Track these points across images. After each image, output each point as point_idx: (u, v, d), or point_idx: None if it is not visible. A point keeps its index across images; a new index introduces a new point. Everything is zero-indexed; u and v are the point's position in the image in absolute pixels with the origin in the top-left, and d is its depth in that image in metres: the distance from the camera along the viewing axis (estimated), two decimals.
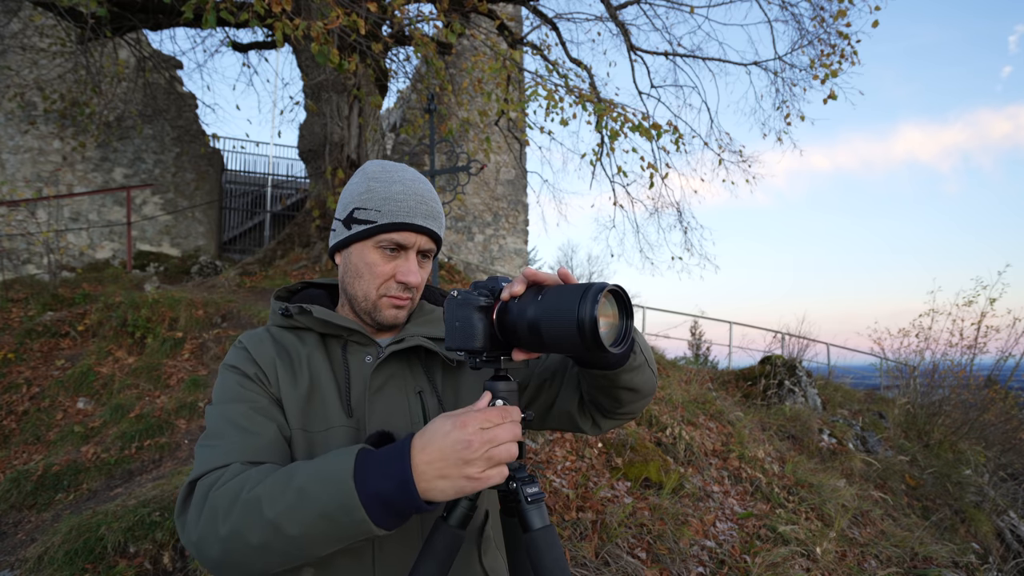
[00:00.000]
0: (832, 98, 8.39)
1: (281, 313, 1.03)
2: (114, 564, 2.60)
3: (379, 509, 0.74)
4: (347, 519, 0.74)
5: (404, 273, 0.98)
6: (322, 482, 0.75)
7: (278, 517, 0.75)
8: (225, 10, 4.96)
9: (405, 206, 0.97)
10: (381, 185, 0.98)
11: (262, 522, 0.75)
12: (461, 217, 12.90)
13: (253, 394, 0.94)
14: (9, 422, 4.54)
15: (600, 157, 9.20)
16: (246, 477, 0.81)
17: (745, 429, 4.90)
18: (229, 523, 0.77)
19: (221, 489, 0.80)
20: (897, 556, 3.60)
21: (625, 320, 0.80)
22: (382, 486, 0.74)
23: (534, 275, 0.81)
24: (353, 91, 7.37)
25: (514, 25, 11.82)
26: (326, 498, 0.74)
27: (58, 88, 8.96)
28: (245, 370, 0.97)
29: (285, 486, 0.77)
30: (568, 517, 3.00)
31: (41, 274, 8.33)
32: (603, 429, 1.09)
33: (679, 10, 8.76)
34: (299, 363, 0.99)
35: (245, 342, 1.02)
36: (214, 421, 0.92)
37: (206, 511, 0.80)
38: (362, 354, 1.01)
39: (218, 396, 0.96)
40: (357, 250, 1.00)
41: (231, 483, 0.81)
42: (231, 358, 1.00)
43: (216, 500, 0.79)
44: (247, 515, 0.76)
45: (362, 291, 1.00)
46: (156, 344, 5.33)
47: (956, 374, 7.99)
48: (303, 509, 0.74)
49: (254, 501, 0.76)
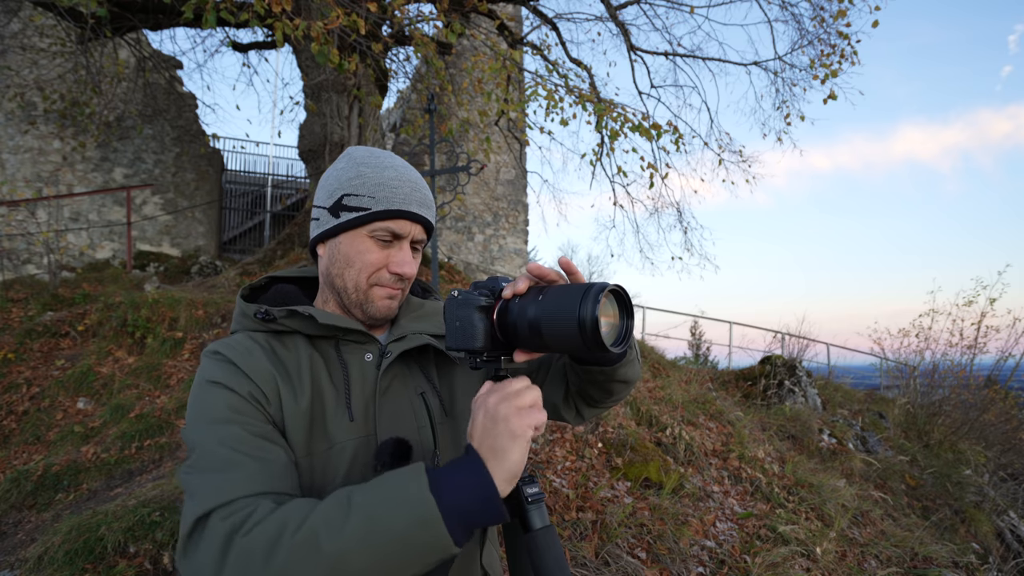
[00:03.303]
0: (832, 98, 8.39)
1: (260, 317, 0.91)
2: (114, 564, 2.60)
3: (457, 522, 0.69)
4: (425, 538, 0.67)
5: (398, 264, 0.92)
6: (392, 500, 0.69)
7: (342, 548, 0.66)
8: (225, 10, 4.96)
9: (400, 192, 0.91)
10: (372, 170, 0.91)
11: (320, 558, 0.65)
12: (461, 217, 12.89)
13: (247, 417, 0.81)
14: (9, 422, 4.54)
15: (600, 157, 9.20)
16: (285, 514, 0.69)
17: (745, 429, 4.90)
18: (275, 566, 0.65)
19: (254, 532, 0.68)
20: (897, 556, 3.60)
21: (626, 320, 0.80)
22: (462, 497, 0.70)
23: (538, 269, 0.79)
24: (353, 91, 7.38)
25: (514, 25, 11.82)
26: (402, 518, 0.67)
27: (58, 88, 8.95)
28: (236, 389, 0.82)
29: (345, 513, 0.68)
30: (568, 517, 3.00)
31: (41, 274, 8.33)
32: (585, 419, 1.08)
33: (679, 10, 8.76)
34: (297, 376, 0.87)
35: (227, 353, 0.86)
36: (208, 446, 0.78)
37: (235, 556, 0.67)
38: (360, 352, 0.93)
39: (202, 416, 0.81)
40: (347, 239, 0.92)
41: (266, 522, 0.69)
42: (213, 372, 0.85)
43: (249, 545, 0.67)
44: (300, 552, 0.66)
45: (352, 281, 0.92)
46: (156, 344, 5.33)
47: (956, 374, 7.99)
48: (373, 534, 0.66)
49: (308, 535, 0.66)
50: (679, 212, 9.87)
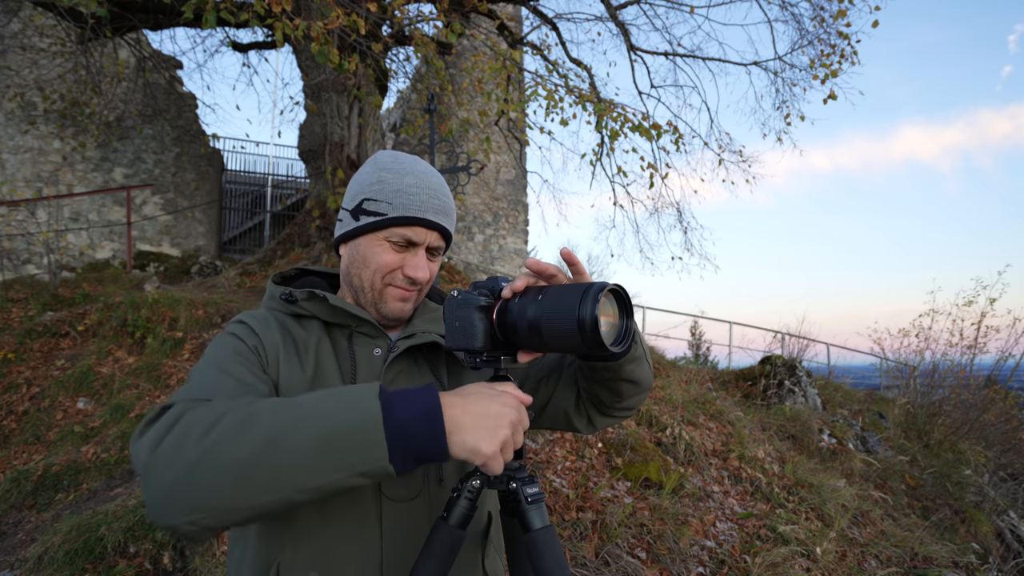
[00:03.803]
0: (832, 98, 8.39)
1: (284, 298, 0.98)
2: (114, 564, 2.60)
3: (398, 439, 0.67)
4: (360, 441, 0.66)
5: (412, 268, 0.95)
6: (340, 398, 0.69)
7: (276, 429, 0.66)
8: (225, 10, 4.96)
9: (417, 200, 0.94)
10: (393, 176, 0.95)
11: (253, 435, 0.66)
12: (461, 217, 12.90)
13: (250, 362, 0.88)
14: (9, 422, 4.54)
15: (600, 157, 9.21)
16: (236, 401, 0.72)
17: (745, 429, 4.90)
18: (207, 440, 0.66)
19: (203, 408, 0.70)
20: (897, 556, 3.60)
21: (625, 319, 0.80)
22: (408, 412, 0.68)
23: (537, 265, 0.80)
24: (353, 91, 7.38)
25: (514, 25, 11.81)
26: (342, 413, 0.67)
27: (58, 88, 8.95)
28: (245, 340, 0.91)
29: (292, 402, 0.70)
30: (568, 517, 3.00)
31: (41, 274, 8.33)
32: (597, 427, 1.08)
33: (679, 10, 8.77)
34: (305, 350, 0.93)
35: (248, 320, 0.96)
36: (204, 369, 0.85)
37: (177, 428, 0.68)
38: (370, 346, 0.97)
39: (209, 357, 0.89)
40: (365, 242, 0.96)
41: (217, 403, 0.71)
42: (231, 329, 0.94)
43: (194, 418, 0.69)
44: (235, 428, 0.66)
45: (368, 279, 0.96)
46: (156, 344, 5.32)
47: (956, 374, 7.99)
48: (311, 421, 0.67)
49: (247, 415, 0.68)
50: (679, 212, 9.87)
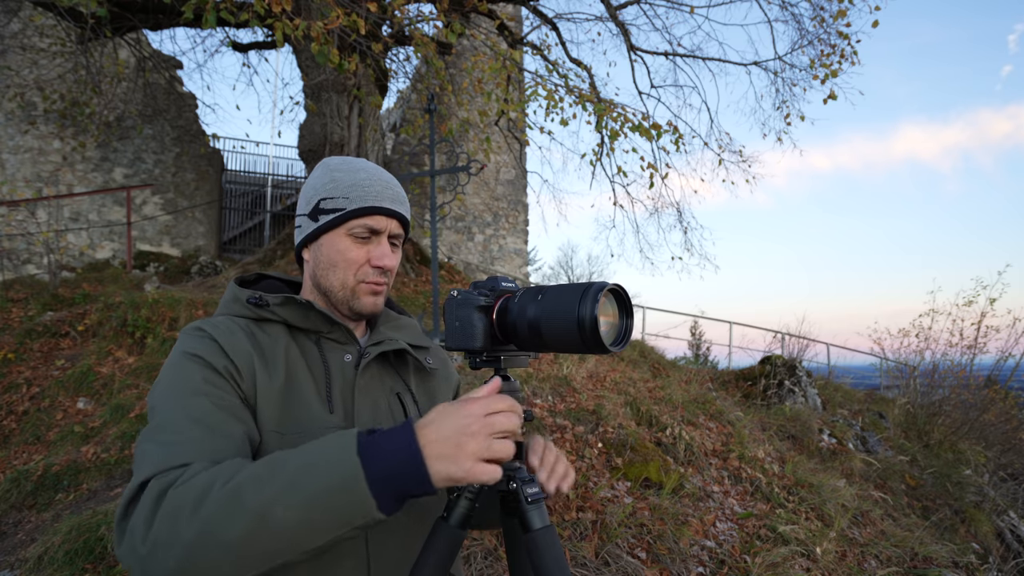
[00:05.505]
0: (832, 98, 8.39)
1: (252, 303, 0.95)
2: (114, 564, 2.60)
3: (382, 487, 0.68)
4: (347, 504, 0.67)
5: (379, 257, 0.96)
6: (319, 460, 0.69)
7: (264, 504, 0.66)
8: (225, 10, 4.96)
9: (373, 191, 0.95)
10: (345, 174, 0.96)
11: (243, 512, 0.66)
12: (461, 217, 12.89)
13: (220, 391, 0.84)
14: (9, 422, 4.54)
15: (600, 157, 9.21)
16: (217, 471, 0.71)
17: (745, 429, 4.90)
18: (198, 521, 0.66)
19: (184, 485, 0.70)
20: (897, 556, 3.60)
21: (625, 319, 0.80)
22: (388, 461, 0.68)
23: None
24: (353, 91, 7.38)
25: (514, 25, 11.82)
26: (325, 476, 0.67)
27: (58, 88, 8.96)
28: (213, 362, 0.85)
29: (272, 471, 0.69)
30: (568, 517, 3.00)
31: (41, 274, 8.33)
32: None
33: (679, 10, 8.76)
34: (272, 357, 0.91)
35: (210, 330, 0.90)
36: (169, 414, 0.80)
37: (164, 512, 0.68)
38: (341, 352, 0.97)
39: (173, 386, 0.83)
40: (328, 241, 0.96)
41: (198, 477, 0.70)
42: (192, 345, 0.87)
43: (179, 498, 0.69)
44: (224, 507, 0.67)
45: (339, 281, 0.96)
46: (156, 344, 5.32)
47: (956, 374, 7.99)
48: (296, 492, 0.67)
49: (233, 491, 0.67)
50: (679, 212, 9.87)
